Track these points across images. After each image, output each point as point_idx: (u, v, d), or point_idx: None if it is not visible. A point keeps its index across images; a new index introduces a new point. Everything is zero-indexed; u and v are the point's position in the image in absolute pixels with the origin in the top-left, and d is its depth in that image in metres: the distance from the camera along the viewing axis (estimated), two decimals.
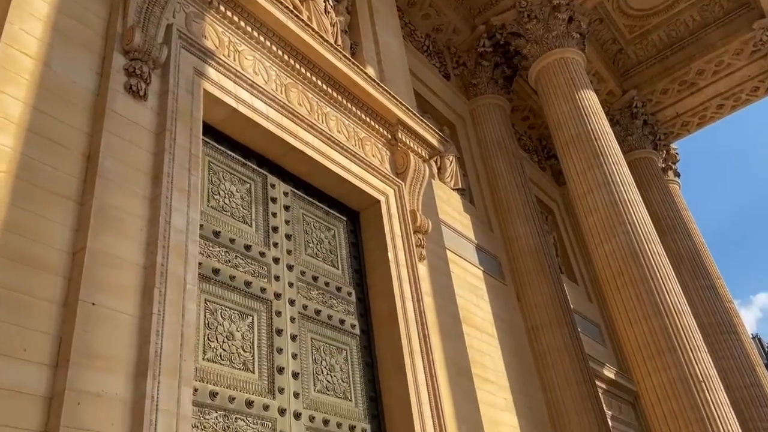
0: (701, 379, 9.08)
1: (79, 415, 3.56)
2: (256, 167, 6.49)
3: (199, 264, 5.29)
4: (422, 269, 7.60)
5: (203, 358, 4.99)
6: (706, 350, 9.73)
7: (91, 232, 4.13)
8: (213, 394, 4.86)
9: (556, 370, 10.37)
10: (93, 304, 3.94)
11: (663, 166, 17.84)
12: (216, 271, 5.44)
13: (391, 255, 7.17)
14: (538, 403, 10.17)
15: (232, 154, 6.27)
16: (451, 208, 10.98)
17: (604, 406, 10.84)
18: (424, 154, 8.50)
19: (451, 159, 11.92)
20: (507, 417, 9.24)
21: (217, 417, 4.83)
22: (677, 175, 18.97)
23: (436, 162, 11.29)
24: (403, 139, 8.17)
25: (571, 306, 11.75)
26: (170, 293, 4.38)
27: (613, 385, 12.66)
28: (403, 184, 7.91)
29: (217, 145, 6.12)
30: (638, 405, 13.31)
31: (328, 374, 6.12)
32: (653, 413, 9.43)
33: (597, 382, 11.39)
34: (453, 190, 11.50)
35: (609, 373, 12.55)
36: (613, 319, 10.66)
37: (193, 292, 4.62)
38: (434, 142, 8.59)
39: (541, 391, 10.31)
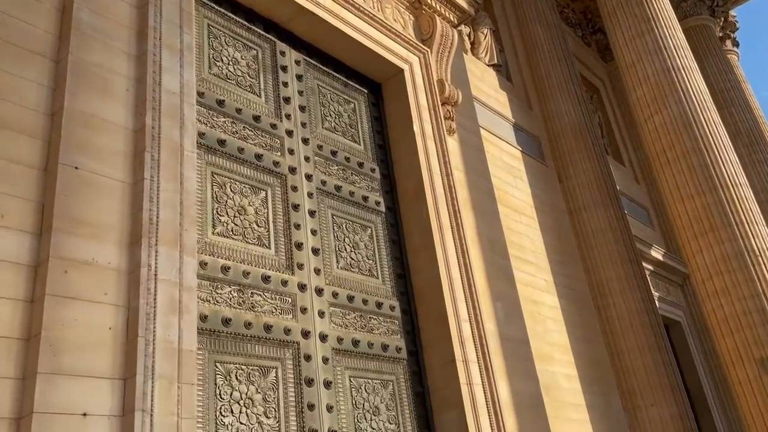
0: (758, 253, 8.47)
1: (66, 284, 3.29)
2: (262, 32, 5.90)
3: (203, 134, 4.89)
4: (452, 143, 7.05)
5: (213, 233, 4.69)
6: (765, 224, 9.05)
7: (69, 91, 3.72)
8: (225, 269, 4.58)
9: (600, 251, 9.90)
10: (76, 168, 3.58)
11: (720, 35, 16.32)
12: (222, 142, 5.02)
13: (416, 127, 6.63)
14: (581, 284, 9.80)
15: (234, 17, 5.68)
16: (485, 84, 10.21)
17: (650, 287, 10.41)
18: (452, 19, 7.71)
19: (485, 32, 10.98)
20: (547, 298, 8.92)
21: (231, 292, 4.57)
22: (736, 44, 17.37)
23: (469, 36, 10.42)
24: (428, 1, 7.38)
25: (618, 188, 11.10)
26: (165, 158, 4.00)
27: (661, 267, 12.17)
28: (429, 51, 7.22)
29: (215, 6, 5.54)
30: (687, 286, 12.85)
31: (351, 251, 5.80)
32: (704, 290, 8.96)
33: (644, 264, 10.91)
34: (488, 65, 10.66)
35: (657, 254, 12.03)
36: (662, 197, 10.03)
37: (192, 159, 4.23)
38: (463, 4, 7.76)
39: (583, 273, 9.91)
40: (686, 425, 8.26)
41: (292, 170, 5.55)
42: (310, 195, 5.60)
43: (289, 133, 5.70)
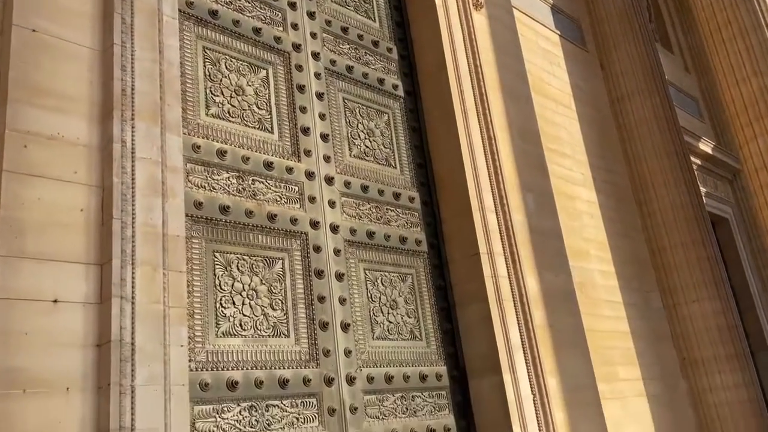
0: None
1: (27, 160, 2.94)
2: None
3: (191, 3, 4.36)
4: (479, 19, 6.33)
5: (207, 114, 4.26)
6: None
7: None
8: (221, 153, 4.18)
9: (644, 143, 9.16)
10: (33, 30, 3.14)
11: None
12: (214, 13, 4.49)
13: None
14: (620, 178, 9.16)
15: None
16: None
17: (697, 181, 9.71)
18: None
19: None
20: (583, 192, 8.36)
21: (229, 178, 4.19)
22: None
23: None
24: None
25: (665, 76, 10.17)
26: (140, 24, 3.52)
27: (709, 161, 11.37)
28: None
29: None
30: (736, 182, 12.05)
31: (366, 138, 5.32)
32: (756, 181, 8.27)
33: (692, 159, 10.15)
34: None
35: (705, 147, 11.20)
36: (714, 84, 9.15)
37: (173, 26, 3.74)
38: None
39: (624, 166, 9.25)
40: (729, 321, 7.83)
41: (297, 47, 5.01)
42: (317, 75, 5.08)
43: (292, 5, 5.11)
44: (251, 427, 3.73)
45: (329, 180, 4.82)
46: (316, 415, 4.09)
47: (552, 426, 5.01)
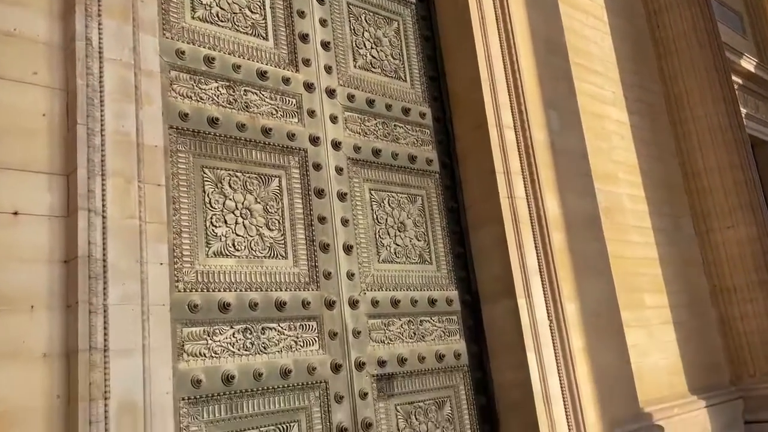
0: None
1: None
2: None
3: None
4: None
5: (192, 17, 3.89)
6: None
7: None
8: (209, 60, 3.84)
9: (681, 59, 8.50)
10: None
11: None
12: None
13: None
14: (655, 97, 8.57)
15: None
16: None
17: (738, 101, 9.04)
18: None
19: None
20: (614, 112, 7.83)
21: (218, 88, 3.87)
22: None
23: None
24: None
25: None
26: None
27: (752, 80, 10.60)
28: None
29: None
30: None
31: (372, 48, 4.91)
32: None
33: (733, 77, 9.43)
34: None
35: (748, 65, 10.42)
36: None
37: None
38: None
39: (659, 84, 8.64)
40: (765, 247, 7.39)
41: None
42: None
43: None
44: (246, 350, 3.56)
45: (331, 92, 4.46)
46: (317, 339, 3.89)
47: (569, 352, 4.76)
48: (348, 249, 4.21)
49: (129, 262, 2.84)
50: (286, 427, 3.62)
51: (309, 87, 4.34)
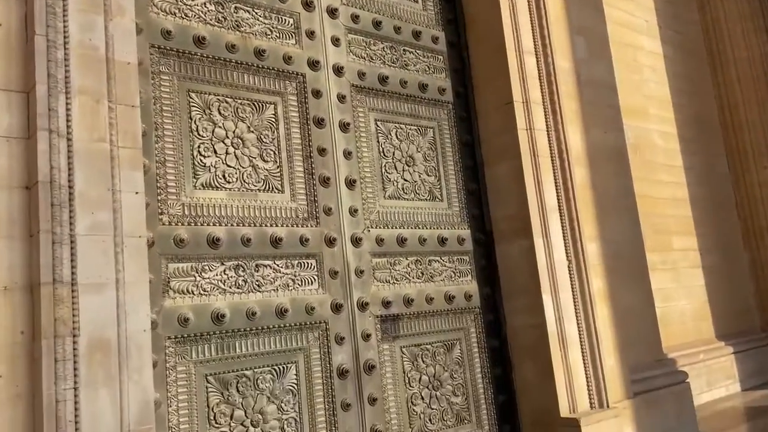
0: None
1: None
2: None
3: None
4: None
5: None
6: None
7: None
8: None
9: None
10: None
11: None
12: None
13: None
14: (692, 27, 7.97)
15: None
16: None
17: None
18: None
19: None
20: (647, 42, 7.29)
21: (205, 4, 3.53)
22: None
23: None
24: None
25: None
26: None
27: None
28: None
29: None
30: None
31: None
32: None
33: None
34: None
35: None
36: None
37: None
38: None
39: (696, 13, 8.01)
40: None
41: None
42: None
43: None
44: (238, 288, 3.34)
45: (332, 12, 4.09)
46: (316, 278, 3.66)
47: (588, 294, 4.48)
48: (351, 183, 3.92)
49: (99, 190, 2.60)
50: (283, 368, 3.43)
51: (308, 5, 3.97)
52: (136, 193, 2.73)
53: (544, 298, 4.33)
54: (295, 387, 3.45)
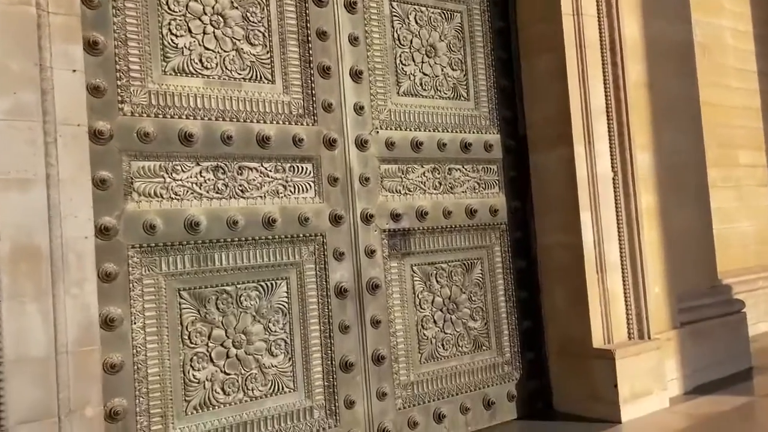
0: None
1: None
2: None
3: None
4: None
5: None
6: None
7: None
8: None
9: None
10: None
11: None
12: None
13: None
14: None
15: None
16: None
17: None
18: None
19: None
20: None
21: None
22: None
23: None
24: None
25: None
26: None
27: None
28: None
29: None
30: None
31: None
32: None
33: None
34: None
35: None
36: None
37: None
38: None
39: None
40: None
41: None
42: None
43: None
44: (218, 193, 2.89)
45: None
46: (312, 184, 3.17)
47: (635, 212, 3.88)
48: (357, 75, 3.35)
49: (23, 64, 2.12)
50: (271, 284, 3.02)
51: None
52: (74, 71, 2.25)
53: (583, 215, 3.75)
54: (286, 306, 3.05)
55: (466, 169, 3.76)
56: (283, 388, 3.00)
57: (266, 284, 3.00)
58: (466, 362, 3.64)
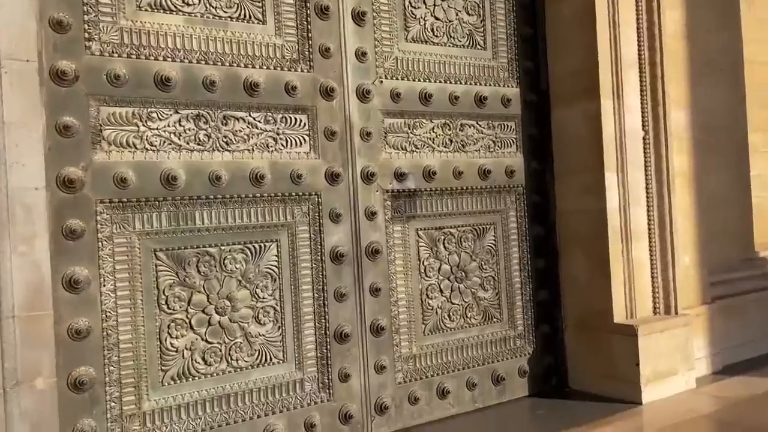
0: None
1: None
2: None
3: None
4: None
5: None
6: None
7: None
8: None
9: None
10: None
11: None
12: None
13: None
14: None
15: None
16: None
17: None
18: None
19: None
20: None
21: None
22: None
23: None
24: None
25: None
26: None
27: None
28: None
29: None
30: None
31: None
32: None
33: None
34: None
35: None
36: None
37: None
38: None
39: None
40: None
41: None
42: None
43: None
44: (199, 144, 2.61)
45: None
46: (306, 138, 2.88)
47: (667, 174, 3.52)
48: (359, 17, 3.02)
49: None
50: (260, 247, 2.76)
51: None
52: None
53: (608, 176, 3.41)
54: (276, 270, 2.79)
55: (480, 126, 3.43)
56: (271, 359, 2.77)
57: (254, 246, 2.74)
58: (474, 334, 3.37)
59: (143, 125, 2.49)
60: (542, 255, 3.62)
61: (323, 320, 2.89)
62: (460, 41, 3.39)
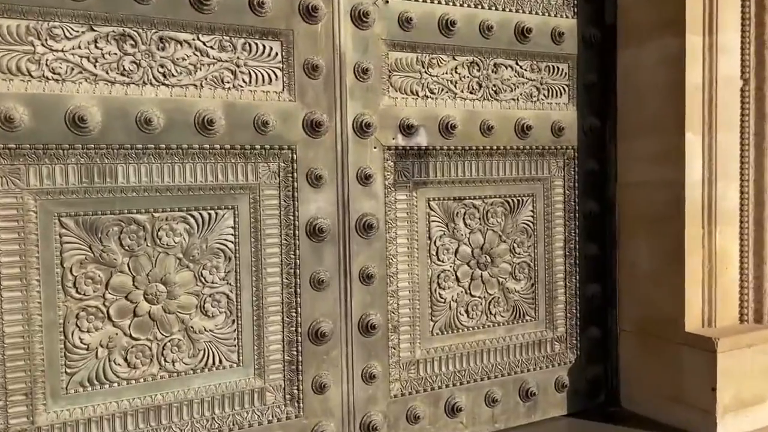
0: None
1: None
2: None
3: None
4: None
5: None
6: None
7: None
8: None
9: None
10: None
11: None
12: None
13: None
14: None
15: None
16: None
17: None
18: None
19: None
20: None
21: None
22: None
23: None
24: None
25: None
26: None
27: None
28: None
29: None
30: None
31: None
32: None
33: None
34: None
35: None
36: None
37: None
38: None
39: None
40: None
41: None
42: None
43: None
44: (123, 75, 1.94)
45: None
46: (277, 73, 2.17)
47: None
48: None
49: None
50: (209, 215, 2.09)
51: None
52: None
53: (689, 138, 2.56)
54: (231, 247, 2.13)
55: (520, 66, 2.62)
56: (221, 362, 2.13)
57: (200, 215, 2.08)
58: (499, 336, 2.64)
59: (42, 45, 1.83)
60: (595, 239, 2.81)
61: (294, 314, 2.22)
62: None
